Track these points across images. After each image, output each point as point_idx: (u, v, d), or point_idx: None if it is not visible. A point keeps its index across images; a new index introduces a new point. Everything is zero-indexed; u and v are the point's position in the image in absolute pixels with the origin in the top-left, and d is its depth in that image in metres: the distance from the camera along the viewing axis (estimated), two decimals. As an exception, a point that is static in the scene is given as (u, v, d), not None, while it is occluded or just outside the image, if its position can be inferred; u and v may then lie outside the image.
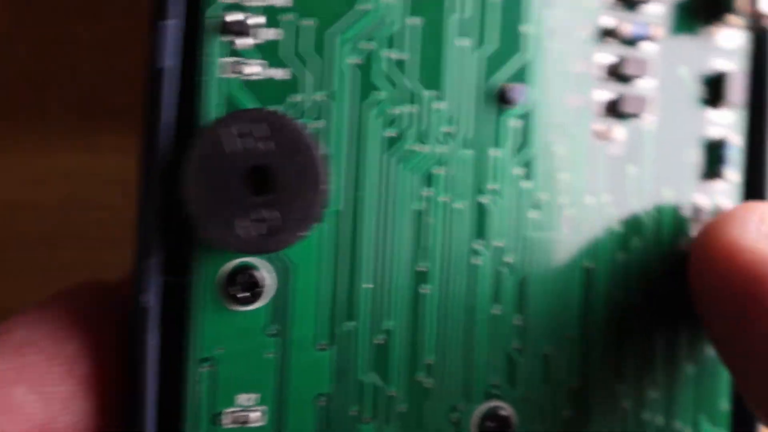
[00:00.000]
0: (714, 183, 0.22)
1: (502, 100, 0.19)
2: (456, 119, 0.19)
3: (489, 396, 0.20)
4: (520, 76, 0.20)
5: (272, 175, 0.15)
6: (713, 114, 0.22)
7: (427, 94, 0.19)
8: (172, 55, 0.17)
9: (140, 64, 0.17)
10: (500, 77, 0.20)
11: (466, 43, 0.19)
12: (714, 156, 0.22)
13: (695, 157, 0.21)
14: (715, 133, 0.22)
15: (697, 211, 0.22)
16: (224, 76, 0.17)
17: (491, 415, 0.20)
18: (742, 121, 0.22)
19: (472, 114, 0.19)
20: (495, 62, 0.20)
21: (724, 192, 0.22)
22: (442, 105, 0.19)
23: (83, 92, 0.27)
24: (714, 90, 0.22)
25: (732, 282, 0.18)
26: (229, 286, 0.17)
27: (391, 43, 0.19)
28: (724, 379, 0.22)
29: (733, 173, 0.22)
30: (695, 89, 0.21)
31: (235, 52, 0.17)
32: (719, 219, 0.20)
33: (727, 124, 0.22)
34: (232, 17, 0.17)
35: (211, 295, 0.17)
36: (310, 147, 0.15)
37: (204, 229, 0.15)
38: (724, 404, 0.22)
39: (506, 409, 0.20)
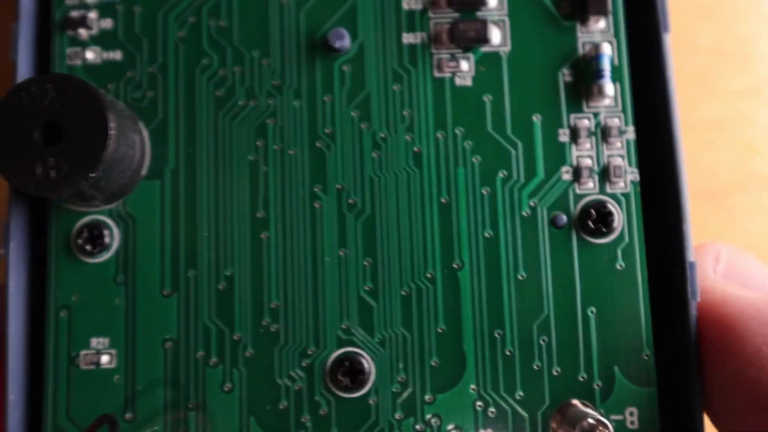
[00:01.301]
0: (594, 102, 0.20)
1: (327, 47, 0.20)
2: (284, 72, 0.20)
3: (342, 341, 0.19)
4: (347, 23, 0.20)
5: (61, 128, 0.18)
6: (581, 29, 0.20)
7: (253, 53, 0.20)
8: (25, 50, 0.20)
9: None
10: (326, 28, 0.20)
11: (288, 0, 0.20)
12: (588, 71, 0.20)
13: (567, 77, 0.20)
14: (586, 48, 0.20)
15: (576, 134, 0.20)
16: (70, 63, 0.20)
17: (345, 361, 0.19)
18: (620, 29, 0.20)
19: (300, 65, 0.20)
20: (320, 14, 0.20)
21: (608, 109, 0.20)
22: (269, 61, 0.20)
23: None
24: (579, 2, 0.20)
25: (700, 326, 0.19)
26: (78, 240, 0.20)
27: (215, 13, 0.20)
28: (640, 323, 0.19)
29: (612, 87, 0.19)
30: (557, 5, 0.20)
31: (78, 43, 0.21)
32: None
33: (600, 35, 0.20)
34: (75, 13, 0.20)
35: (65, 249, 0.20)
36: (93, 101, 0.18)
37: (7, 178, 0.18)
38: (646, 354, 0.19)
39: (362, 356, 0.19)
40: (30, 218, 0.20)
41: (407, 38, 0.20)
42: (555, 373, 0.19)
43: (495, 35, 0.20)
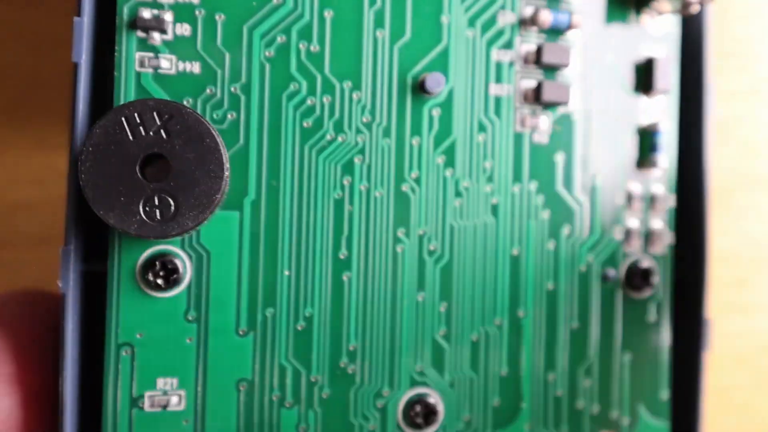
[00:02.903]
0: (647, 170, 0.22)
1: (420, 89, 0.20)
2: (374, 109, 0.20)
3: (415, 383, 0.20)
4: (439, 65, 0.20)
5: (167, 163, 0.16)
6: (645, 101, 0.22)
7: (344, 84, 0.19)
8: (88, 50, 0.17)
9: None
10: (419, 67, 0.20)
11: (383, 33, 0.20)
12: (646, 143, 0.22)
13: (627, 145, 0.21)
14: (646, 120, 0.22)
15: (630, 198, 0.22)
16: (139, 70, 0.18)
17: (418, 402, 0.20)
18: (674, 107, 0.22)
19: (391, 103, 0.20)
20: (414, 52, 0.20)
21: (657, 179, 0.22)
22: (360, 95, 0.20)
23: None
24: (644, 76, 0.22)
25: None
26: (147, 273, 0.18)
27: (306, 36, 0.19)
28: (663, 367, 0.22)
29: (665, 159, 0.22)
30: (625, 77, 0.21)
31: (149, 47, 0.18)
32: None
33: (659, 110, 0.22)
34: (146, 13, 0.18)
35: (130, 282, 0.18)
36: (206, 136, 0.16)
37: (104, 216, 0.15)
38: (664, 394, 0.22)
39: (433, 396, 0.20)
40: (87, 244, 0.18)
41: (494, 89, 0.20)
42: (594, 411, 0.21)
43: (574, 98, 0.21)
